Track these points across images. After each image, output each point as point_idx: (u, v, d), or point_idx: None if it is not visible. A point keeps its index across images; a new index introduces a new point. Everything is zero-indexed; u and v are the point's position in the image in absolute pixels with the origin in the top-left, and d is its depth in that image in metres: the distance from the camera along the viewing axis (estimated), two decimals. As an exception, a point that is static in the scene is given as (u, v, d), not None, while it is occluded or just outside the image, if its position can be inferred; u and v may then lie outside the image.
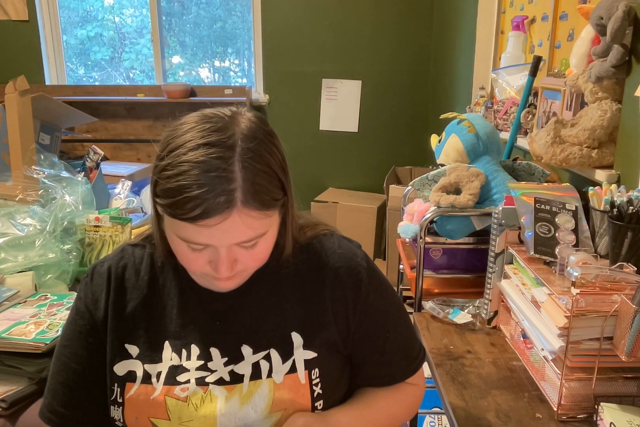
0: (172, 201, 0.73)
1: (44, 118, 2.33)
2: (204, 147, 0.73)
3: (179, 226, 0.75)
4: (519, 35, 2.32)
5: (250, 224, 0.75)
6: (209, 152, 0.73)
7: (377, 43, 3.95)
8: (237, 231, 0.75)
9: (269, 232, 0.81)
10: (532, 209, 1.21)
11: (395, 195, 3.12)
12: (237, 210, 0.73)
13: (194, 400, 0.82)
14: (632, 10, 1.31)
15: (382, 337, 0.92)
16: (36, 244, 1.58)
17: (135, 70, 4.46)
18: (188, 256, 0.79)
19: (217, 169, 0.72)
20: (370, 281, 0.91)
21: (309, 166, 4.18)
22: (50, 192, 1.83)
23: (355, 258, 0.92)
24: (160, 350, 0.86)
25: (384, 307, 0.93)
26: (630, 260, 1.07)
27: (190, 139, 0.74)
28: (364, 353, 0.92)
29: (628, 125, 1.37)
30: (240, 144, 0.75)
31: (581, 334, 0.96)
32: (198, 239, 0.75)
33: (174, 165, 0.73)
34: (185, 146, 0.74)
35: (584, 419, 1.00)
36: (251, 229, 0.76)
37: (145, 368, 0.85)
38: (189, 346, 0.86)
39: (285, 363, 0.85)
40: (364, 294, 0.90)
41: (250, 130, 0.77)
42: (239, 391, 0.83)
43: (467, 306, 1.42)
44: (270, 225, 0.80)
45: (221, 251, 0.77)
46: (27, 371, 1.18)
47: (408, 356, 0.95)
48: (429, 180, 1.61)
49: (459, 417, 1.01)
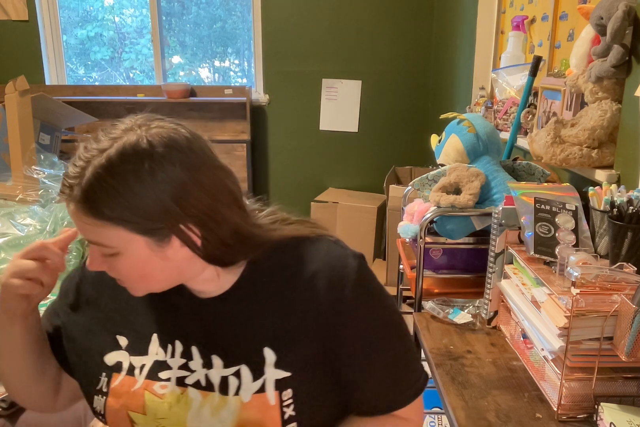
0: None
1: (44, 118, 2.33)
2: (75, 159, 0.76)
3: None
4: (519, 35, 2.32)
5: (84, 224, 0.75)
6: (92, 146, 0.75)
7: (377, 43, 3.95)
8: (77, 224, 0.77)
9: (128, 254, 0.76)
10: (532, 209, 1.21)
11: (395, 195, 3.12)
12: (74, 204, 0.75)
13: (169, 398, 0.82)
14: (632, 10, 1.31)
15: (365, 360, 0.83)
16: (36, 244, 1.58)
17: (135, 70, 4.46)
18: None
19: (79, 166, 0.74)
20: (355, 296, 0.81)
21: (309, 166, 4.18)
22: (50, 192, 1.83)
23: (342, 269, 0.83)
24: (148, 342, 0.86)
25: (370, 326, 0.84)
26: (630, 260, 1.07)
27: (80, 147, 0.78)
28: (345, 376, 0.84)
29: (628, 125, 1.37)
30: (109, 151, 0.73)
31: (581, 334, 0.96)
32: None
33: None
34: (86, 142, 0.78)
35: (584, 419, 1.00)
36: (87, 231, 0.76)
37: (131, 360, 0.86)
38: (174, 342, 0.85)
39: (256, 382, 0.80)
40: (345, 310, 0.81)
41: (133, 146, 0.74)
42: (210, 401, 0.81)
43: (467, 306, 1.42)
44: (118, 243, 0.75)
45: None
46: (27, 371, 1.18)
47: (397, 384, 0.86)
48: (429, 180, 1.61)
49: (459, 417, 1.01)
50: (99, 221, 0.73)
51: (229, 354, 0.83)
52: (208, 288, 0.85)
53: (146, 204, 0.73)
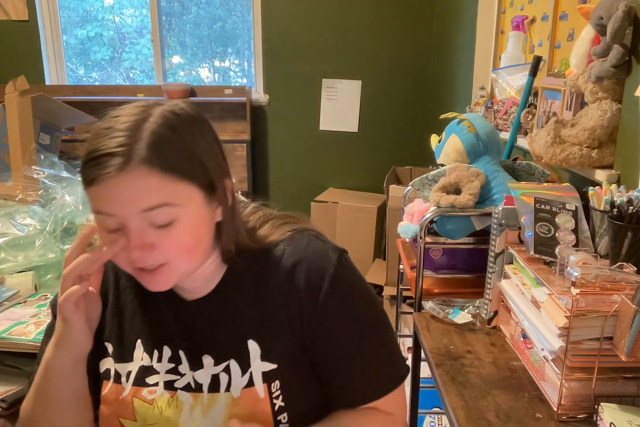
0: (81, 167, 0.74)
1: (44, 118, 2.33)
2: (104, 129, 0.74)
3: (92, 199, 0.74)
4: (519, 35, 2.32)
5: (150, 185, 0.72)
6: (111, 126, 0.74)
7: (377, 43, 3.95)
8: (135, 192, 0.72)
9: (187, 215, 0.75)
10: (532, 209, 1.21)
11: (395, 195, 3.11)
12: (134, 168, 0.71)
13: (159, 403, 0.82)
14: (632, 10, 1.31)
15: (341, 352, 0.85)
16: (36, 244, 1.58)
17: (135, 70, 4.46)
18: (107, 243, 0.77)
19: (117, 133, 0.73)
20: (333, 289, 0.83)
21: (309, 166, 4.18)
22: (50, 192, 1.83)
23: (321, 262, 0.84)
24: (132, 349, 0.86)
25: (348, 320, 0.85)
26: (630, 260, 1.07)
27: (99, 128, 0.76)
28: (321, 367, 0.86)
29: (628, 125, 1.37)
30: (151, 119, 0.75)
31: (581, 334, 0.96)
32: (106, 208, 0.73)
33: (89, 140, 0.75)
34: (95, 133, 0.75)
35: (584, 419, 0.99)
36: (153, 193, 0.72)
37: (116, 367, 0.86)
38: (161, 347, 0.85)
39: (244, 376, 0.81)
40: (322, 303, 0.82)
41: (170, 111, 0.77)
42: (200, 402, 0.82)
43: (467, 306, 1.42)
44: (184, 200, 0.75)
45: (129, 224, 0.74)
46: (27, 371, 1.18)
47: (373, 377, 0.87)
48: (429, 180, 1.61)
49: (459, 417, 1.01)
50: (168, 175, 0.73)
51: (217, 351, 0.84)
52: (197, 287, 0.86)
53: (205, 158, 0.77)
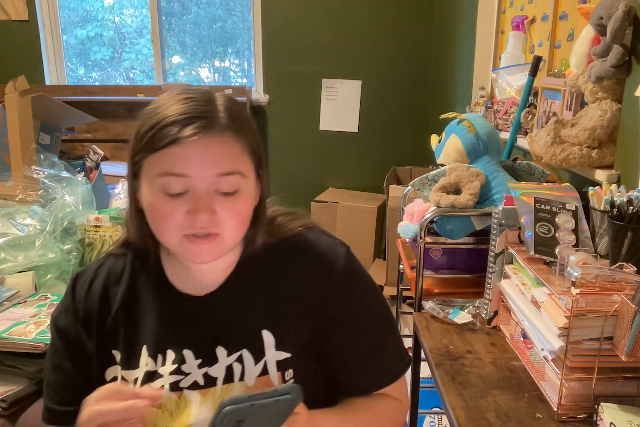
0: (156, 129, 0.75)
1: (44, 118, 2.33)
2: (184, 99, 0.78)
3: (164, 161, 0.75)
4: (519, 35, 2.32)
5: (232, 151, 0.77)
6: (190, 96, 0.78)
7: (377, 43, 3.95)
8: (216, 155, 0.76)
9: (246, 188, 0.81)
10: (532, 209, 1.21)
11: (395, 195, 3.11)
12: (218, 132, 0.76)
13: (168, 406, 0.83)
14: (632, 10, 1.31)
15: (352, 341, 0.89)
16: (36, 244, 1.58)
17: (135, 70, 4.46)
18: (166, 207, 0.77)
19: (199, 102, 0.77)
20: (343, 280, 0.87)
21: (309, 166, 4.18)
22: (50, 192, 1.83)
23: (332, 254, 0.88)
24: (138, 355, 0.86)
25: (357, 310, 0.89)
26: (630, 260, 1.07)
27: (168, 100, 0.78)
28: (332, 356, 0.89)
29: (628, 125, 1.37)
30: (220, 97, 0.80)
31: (581, 334, 0.96)
32: (182, 168, 0.75)
33: (155, 112, 0.77)
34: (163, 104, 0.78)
35: (584, 419, 0.99)
36: (231, 158, 0.77)
37: (123, 374, 0.86)
38: (165, 351, 0.86)
39: (257, 364, 0.83)
40: (333, 295, 0.87)
41: (230, 98, 0.82)
42: (212, 395, 0.82)
43: (467, 306, 1.42)
44: (249, 173, 0.81)
45: (200, 187, 0.76)
46: (27, 371, 1.19)
47: (382, 364, 0.91)
48: (429, 180, 1.61)
49: (459, 417, 1.01)
50: (244, 147, 0.79)
51: (230, 342, 0.85)
52: (212, 279, 0.87)
53: (259, 138, 0.83)
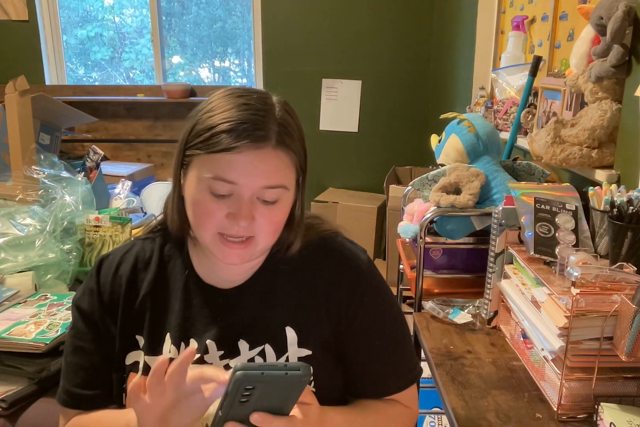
0: (213, 132, 0.76)
1: (44, 118, 2.33)
2: (242, 104, 0.78)
3: (217, 165, 0.77)
4: (519, 35, 2.32)
5: (278, 166, 0.78)
6: (248, 102, 0.79)
7: (377, 43, 3.94)
8: (267, 169, 0.78)
9: (287, 198, 0.82)
10: (532, 209, 1.21)
11: (395, 195, 3.11)
12: (272, 147, 0.77)
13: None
14: (632, 10, 1.31)
15: (370, 344, 0.90)
16: (36, 244, 1.58)
17: (135, 70, 4.46)
18: (208, 206, 0.79)
19: (258, 111, 0.78)
20: (367, 286, 0.90)
21: (309, 166, 4.16)
22: (50, 192, 1.83)
23: (356, 260, 0.91)
24: (162, 342, 0.87)
25: (377, 314, 0.91)
26: (630, 260, 1.07)
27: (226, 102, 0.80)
28: (349, 358, 0.90)
29: (628, 125, 1.37)
30: (277, 105, 0.81)
31: (581, 334, 0.96)
32: (232, 175, 0.77)
33: (213, 113, 0.78)
34: (221, 106, 0.79)
35: (584, 419, 1.00)
36: (279, 173, 0.79)
37: (145, 359, 0.87)
38: (188, 340, 0.87)
39: (279, 360, 0.85)
40: (358, 298, 0.89)
41: (285, 103, 0.83)
42: None
43: (467, 306, 1.42)
44: (291, 185, 0.82)
45: (245, 194, 0.78)
46: (27, 371, 1.19)
47: (396, 370, 0.92)
48: (429, 180, 1.61)
49: (459, 417, 1.01)
50: (292, 161, 0.81)
51: (253, 336, 0.86)
52: (238, 274, 0.89)
53: (306, 150, 0.84)
